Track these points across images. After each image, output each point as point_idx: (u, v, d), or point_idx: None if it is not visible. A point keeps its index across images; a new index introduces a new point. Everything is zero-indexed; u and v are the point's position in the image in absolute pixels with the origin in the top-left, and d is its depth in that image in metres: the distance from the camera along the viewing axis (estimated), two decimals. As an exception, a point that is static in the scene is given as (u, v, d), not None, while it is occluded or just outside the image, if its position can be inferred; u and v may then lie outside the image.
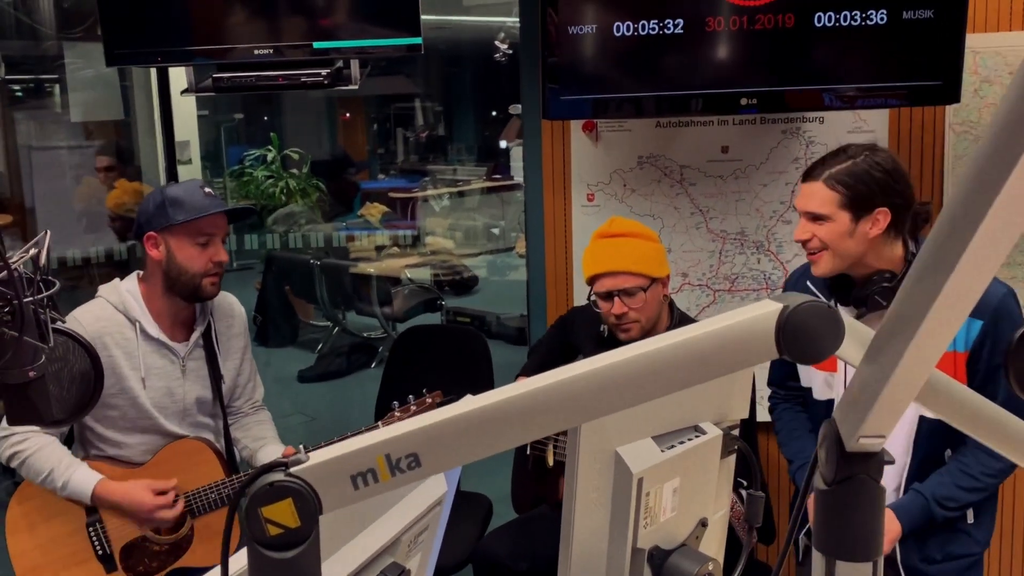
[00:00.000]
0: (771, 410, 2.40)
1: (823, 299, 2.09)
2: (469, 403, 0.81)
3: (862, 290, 2.04)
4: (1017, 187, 0.62)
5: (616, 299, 2.28)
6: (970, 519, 2.12)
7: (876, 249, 2.02)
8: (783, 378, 2.34)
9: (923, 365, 0.75)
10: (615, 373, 0.82)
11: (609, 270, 2.29)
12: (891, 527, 2.04)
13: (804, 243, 2.05)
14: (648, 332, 2.33)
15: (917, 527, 2.06)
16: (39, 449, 2.26)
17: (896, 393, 0.77)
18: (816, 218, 2.01)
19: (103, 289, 2.39)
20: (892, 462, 0.84)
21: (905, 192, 2.01)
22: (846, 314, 2.09)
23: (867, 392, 0.80)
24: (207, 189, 2.37)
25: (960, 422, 0.88)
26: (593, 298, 2.34)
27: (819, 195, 2.00)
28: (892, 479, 2.12)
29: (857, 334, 0.86)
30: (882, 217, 1.99)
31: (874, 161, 2.00)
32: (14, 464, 2.28)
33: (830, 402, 2.17)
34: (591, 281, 2.34)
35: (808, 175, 2.05)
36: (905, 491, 2.11)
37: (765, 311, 0.82)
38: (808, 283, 2.20)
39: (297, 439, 2.48)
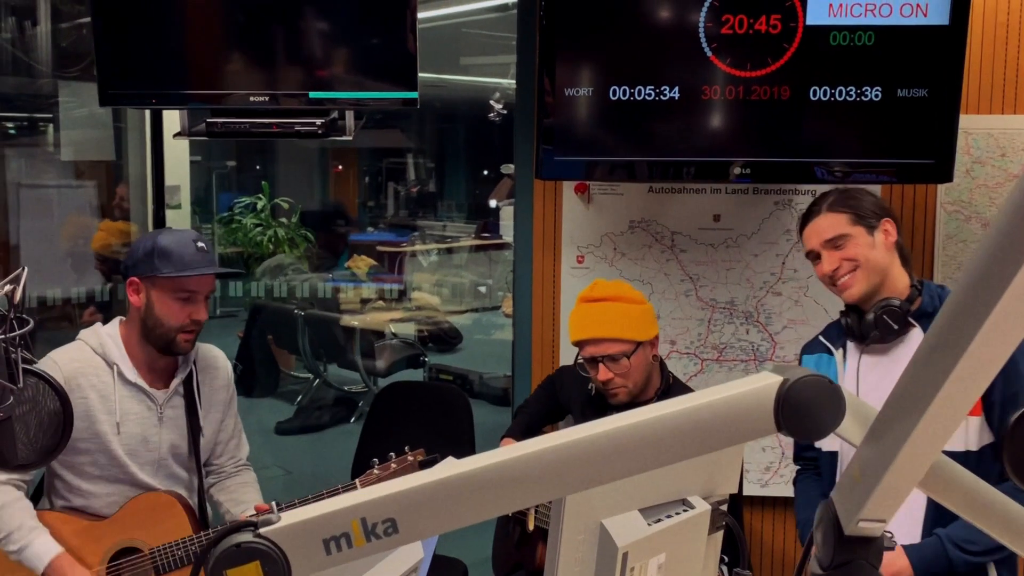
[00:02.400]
0: (794, 482, 2.36)
1: (833, 349, 2.10)
2: (451, 467, 0.77)
3: (872, 313, 2.06)
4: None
5: (601, 365, 2.25)
6: (992, 574, 2.03)
7: (892, 272, 2.08)
8: (800, 449, 2.32)
9: (928, 450, 0.72)
10: (606, 443, 0.78)
11: (592, 336, 2.25)
12: (899, 563, 1.95)
13: (834, 273, 2.08)
14: (637, 394, 2.30)
15: (930, 569, 1.96)
16: (3, 507, 2.17)
17: (899, 477, 0.74)
18: (835, 242, 2.07)
19: (83, 333, 2.34)
20: (892, 548, 0.81)
21: (893, 213, 2.13)
22: (855, 358, 2.09)
23: (868, 474, 0.76)
24: (200, 243, 2.31)
25: (965, 510, 0.85)
26: (580, 361, 2.31)
27: (829, 222, 2.08)
28: (911, 529, 2.04)
29: (858, 411, 0.83)
30: (889, 227, 2.08)
31: (857, 187, 2.16)
32: None
33: (834, 454, 2.16)
34: (577, 345, 2.31)
35: (807, 219, 2.13)
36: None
37: (764, 383, 0.79)
38: (820, 338, 2.24)
39: (273, 493, 2.40)
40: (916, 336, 2.07)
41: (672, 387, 2.35)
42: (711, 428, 0.78)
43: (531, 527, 2.43)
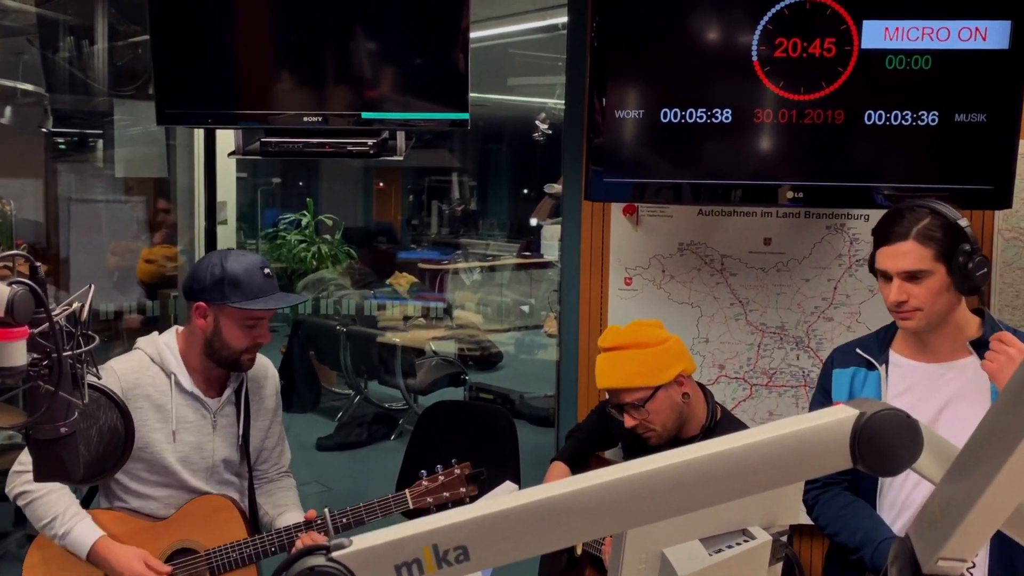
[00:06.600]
0: (812, 505, 2.18)
1: (875, 362, 2.00)
2: (523, 496, 0.76)
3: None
4: None
5: (625, 413, 2.23)
6: None
7: (957, 309, 1.99)
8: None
9: (1015, 491, 0.70)
10: (677, 476, 0.77)
11: (607, 387, 2.24)
12: None
13: (898, 304, 1.97)
14: (675, 433, 2.26)
15: None
16: (47, 493, 2.24)
17: (983, 517, 0.72)
18: (914, 276, 1.94)
19: (141, 341, 2.39)
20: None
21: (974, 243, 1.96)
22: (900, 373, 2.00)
23: (950, 512, 0.75)
24: (267, 270, 2.31)
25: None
26: (610, 408, 2.30)
27: (914, 252, 1.93)
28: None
29: (935, 447, 0.81)
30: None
31: (951, 212, 1.96)
32: (21, 503, 2.26)
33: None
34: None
35: (890, 235, 1.97)
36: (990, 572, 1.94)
37: (839, 417, 0.77)
38: (858, 350, 2.13)
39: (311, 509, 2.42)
40: (971, 364, 2.01)
41: (719, 424, 2.28)
42: (786, 461, 0.77)
43: (579, 552, 2.41)
